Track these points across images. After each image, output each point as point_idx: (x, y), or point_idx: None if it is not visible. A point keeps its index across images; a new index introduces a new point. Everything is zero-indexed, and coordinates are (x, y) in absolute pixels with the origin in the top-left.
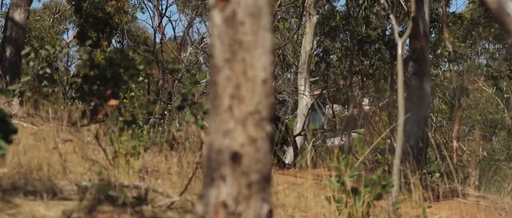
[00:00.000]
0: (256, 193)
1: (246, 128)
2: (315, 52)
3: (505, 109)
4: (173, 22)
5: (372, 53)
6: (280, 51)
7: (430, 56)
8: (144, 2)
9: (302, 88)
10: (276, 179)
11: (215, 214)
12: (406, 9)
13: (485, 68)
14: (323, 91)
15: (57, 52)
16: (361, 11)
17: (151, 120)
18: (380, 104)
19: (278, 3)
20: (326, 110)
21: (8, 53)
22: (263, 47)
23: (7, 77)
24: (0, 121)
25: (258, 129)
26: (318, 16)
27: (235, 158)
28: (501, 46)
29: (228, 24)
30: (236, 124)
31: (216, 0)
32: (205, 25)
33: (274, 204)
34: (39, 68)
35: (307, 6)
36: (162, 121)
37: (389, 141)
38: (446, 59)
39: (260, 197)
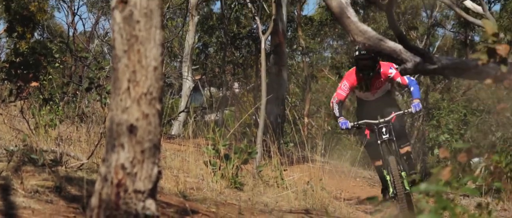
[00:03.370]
0: (148, 158)
1: (140, 105)
2: (196, 46)
3: None
4: (83, 20)
5: (241, 47)
6: (168, 44)
7: (287, 50)
8: (60, 3)
9: (186, 74)
10: (164, 147)
11: (115, 174)
12: (268, 12)
13: (330, 60)
14: (202, 77)
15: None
16: (233, 13)
17: (65, 98)
18: (247, 87)
19: (167, 5)
20: (205, 91)
21: None
22: (154, 41)
23: None
24: None
25: (150, 106)
26: (198, 16)
27: (131, 129)
28: (342, 43)
29: (126, 22)
30: (132, 102)
31: (117, 2)
32: (109, 22)
33: (162, 166)
34: None
35: (190, 8)
36: (74, 99)
37: (254, 117)
38: (299, 53)
39: (151, 161)
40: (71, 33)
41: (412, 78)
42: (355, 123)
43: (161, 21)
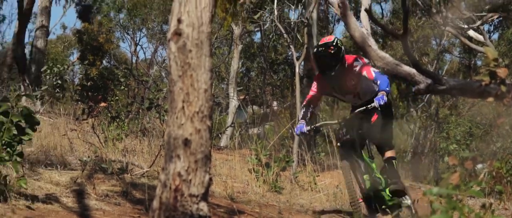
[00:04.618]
0: (201, 166)
1: (193, 122)
2: (240, 70)
3: None
4: (144, 49)
5: (279, 71)
6: (216, 69)
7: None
8: (124, 35)
9: (231, 94)
10: (214, 157)
11: (173, 181)
12: (301, 41)
13: None
14: (246, 97)
15: (65, 69)
16: (271, 42)
17: (129, 115)
18: (284, 105)
19: (215, 36)
20: (248, 109)
21: (33, 69)
22: (204, 67)
23: (31, 86)
24: (28, 116)
25: (202, 123)
26: (242, 45)
27: (186, 142)
28: None
29: (180, 51)
30: (186, 119)
31: (172, 35)
32: (165, 51)
33: (213, 174)
34: (53, 80)
35: (235, 38)
36: (137, 116)
37: (290, 131)
38: None
39: (204, 169)
40: (134, 61)
41: (379, 71)
42: (312, 126)
43: (210, 50)
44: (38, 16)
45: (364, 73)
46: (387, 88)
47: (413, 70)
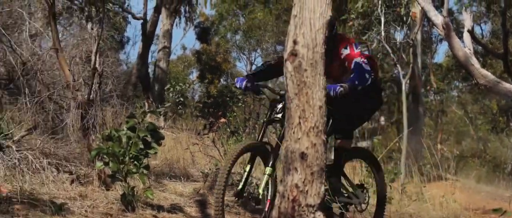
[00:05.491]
0: (316, 178)
1: (309, 137)
2: None
3: (470, 124)
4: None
5: (385, 88)
6: None
7: (422, 90)
8: (240, 55)
9: None
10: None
11: (291, 192)
12: (407, 60)
13: (456, 98)
14: None
15: (186, 87)
16: (377, 61)
17: (247, 130)
18: (391, 120)
19: None
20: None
21: (156, 88)
22: (319, 85)
23: (155, 103)
24: (153, 131)
25: (317, 137)
26: None
27: (303, 156)
28: (466, 84)
29: (296, 71)
30: (303, 134)
31: (288, 55)
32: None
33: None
34: (176, 97)
35: None
36: (254, 131)
37: (397, 144)
38: (432, 92)
39: (319, 181)
40: None
41: (362, 62)
42: (249, 84)
43: (323, 69)
44: (160, 38)
45: (347, 62)
46: (355, 83)
47: None
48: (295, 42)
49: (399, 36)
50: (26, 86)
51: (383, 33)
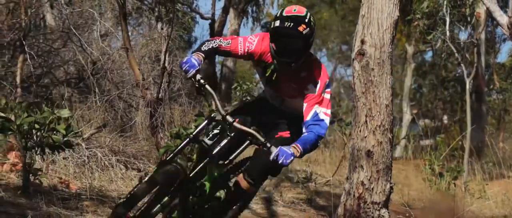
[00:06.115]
0: (382, 176)
1: (375, 135)
2: (413, 87)
3: None
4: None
5: (449, 87)
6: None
7: (485, 89)
8: None
9: (405, 109)
10: None
11: (356, 189)
12: (469, 59)
13: None
14: (418, 111)
15: (253, 86)
16: (442, 61)
17: None
18: (454, 119)
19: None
20: (420, 122)
21: (223, 87)
22: (386, 84)
23: (222, 102)
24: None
25: (383, 135)
26: (414, 63)
27: (369, 154)
28: None
29: (363, 70)
30: (369, 132)
31: (356, 55)
32: (343, 69)
33: (394, 182)
34: (242, 96)
35: (408, 57)
36: None
37: (460, 142)
38: (495, 91)
39: (385, 179)
40: None
41: (324, 115)
42: (201, 80)
43: (391, 69)
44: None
45: (306, 104)
46: (307, 147)
47: None
48: (362, 42)
49: (463, 36)
50: (96, 85)
51: (448, 33)
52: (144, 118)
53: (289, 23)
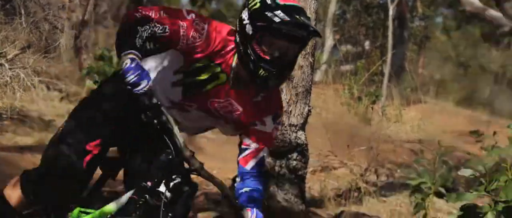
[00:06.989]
0: (301, 99)
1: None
2: (337, 12)
3: (452, 50)
4: None
5: (373, 14)
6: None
7: (408, 15)
8: None
9: (328, 34)
10: None
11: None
12: None
13: (441, 25)
14: (341, 37)
15: None
16: None
17: None
18: (375, 45)
19: None
20: (341, 47)
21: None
22: (310, 8)
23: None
24: None
25: (304, 59)
26: None
27: (289, 77)
28: (452, 11)
29: None
30: None
31: None
32: None
33: (312, 106)
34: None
35: None
36: None
37: (380, 68)
38: (417, 18)
39: (303, 102)
40: None
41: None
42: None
43: None
44: None
45: (249, 149)
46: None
47: (499, 14)
48: None
49: None
50: (22, 7)
51: None
52: (68, 40)
53: (301, 19)
